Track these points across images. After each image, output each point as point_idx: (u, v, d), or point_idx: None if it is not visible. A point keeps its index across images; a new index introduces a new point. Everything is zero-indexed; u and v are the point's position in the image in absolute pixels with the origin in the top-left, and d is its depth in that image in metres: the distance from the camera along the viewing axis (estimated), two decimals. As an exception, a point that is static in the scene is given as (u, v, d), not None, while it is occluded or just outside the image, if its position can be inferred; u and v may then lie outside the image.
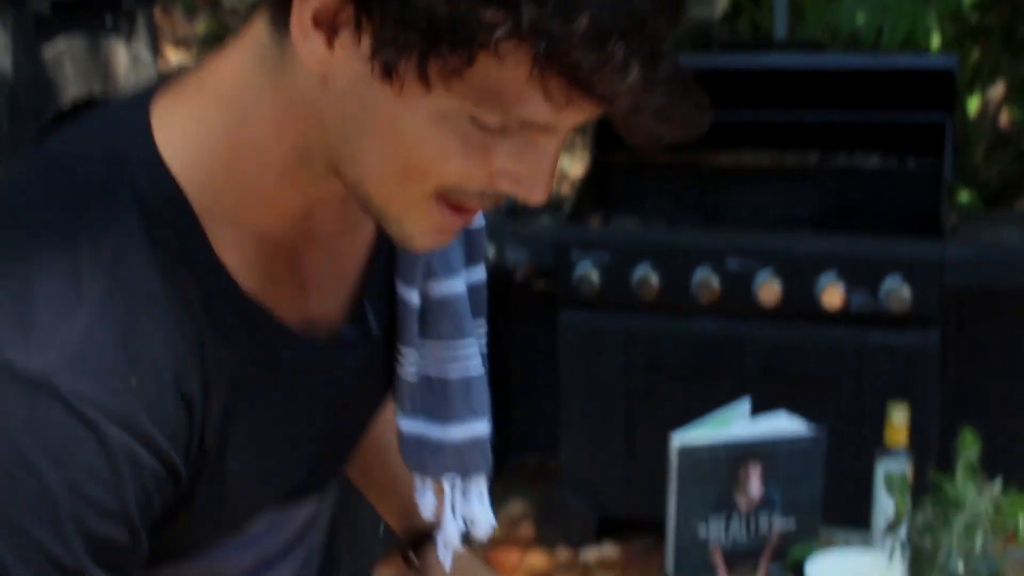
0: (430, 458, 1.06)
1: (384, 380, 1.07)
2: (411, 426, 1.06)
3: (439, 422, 1.05)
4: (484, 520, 1.11)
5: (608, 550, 3.96)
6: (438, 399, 1.04)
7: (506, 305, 4.37)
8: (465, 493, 1.09)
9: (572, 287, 3.74)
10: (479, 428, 1.07)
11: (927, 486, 1.60)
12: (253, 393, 0.91)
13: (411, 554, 1.29)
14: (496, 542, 4.06)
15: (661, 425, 1.84)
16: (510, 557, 3.96)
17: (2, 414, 0.78)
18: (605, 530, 3.96)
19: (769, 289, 3.54)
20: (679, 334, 3.71)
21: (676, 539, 1.80)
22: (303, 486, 1.04)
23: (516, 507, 4.28)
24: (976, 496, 1.51)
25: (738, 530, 1.82)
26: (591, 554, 3.95)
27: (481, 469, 1.09)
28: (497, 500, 3.94)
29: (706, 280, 3.59)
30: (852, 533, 2.01)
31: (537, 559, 3.95)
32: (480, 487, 1.10)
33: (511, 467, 4.50)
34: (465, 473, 1.08)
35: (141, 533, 0.84)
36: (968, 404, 3.57)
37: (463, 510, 1.10)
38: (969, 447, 1.56)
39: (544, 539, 4.02)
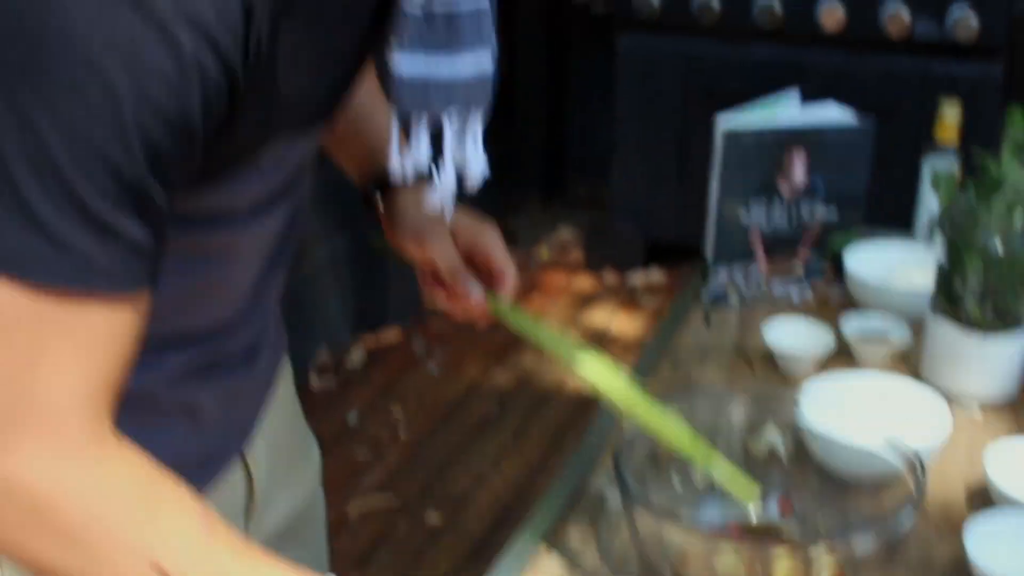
0: (434, 93, 1.02)
1: None
2: (412, 63, 1.01)
3: (447, 53, 1.00)
4: (478, 164, 1.07)
5: (655, 275, 4.01)
6: (446, 32, 1.00)
7: (563, 30, 4.31)
8: (461, 136, 1.05)
9: (631, 10, 3.67)
10: (486, 59, 1.03)
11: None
12: (291, 6, 0.89)
13: (376, 196, 1.30)
14: (544, 266, 4.13)
15: (714, 151, 1.82)
16: (557, 280, 4.03)
17: (62, 13, 0.74)
18: (652, 255, 4.01)
19: (832, 14, 3.46)
20: (739, 60, 3.65)
21: (717, 223, 1.81)
22: (319, 112, 1.04)
23: (565, 232, 4.33)
24: (1019, 174, 1.50)
25: (779, 217, 1.83)
26: (638, 278, 4.01)
27: (482, 104, 1.05)
28: (547, 226, 4.02)
29: (768, 4, 3.51)
30: (895, 232, 2.01)
31: (584, 282, 4.01)
32: (476, 130, 1.05)
33: (562, 194, 4.54)
34: (468, 107, 1.04)
35: (197, 148, 0.83)
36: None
37: (458, 154, 1.06)
38: (1017, 127, 1.54)
39: (592, 264, 4.08)
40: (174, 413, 1.05)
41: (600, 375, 1.20)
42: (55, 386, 0.81)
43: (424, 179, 1.29)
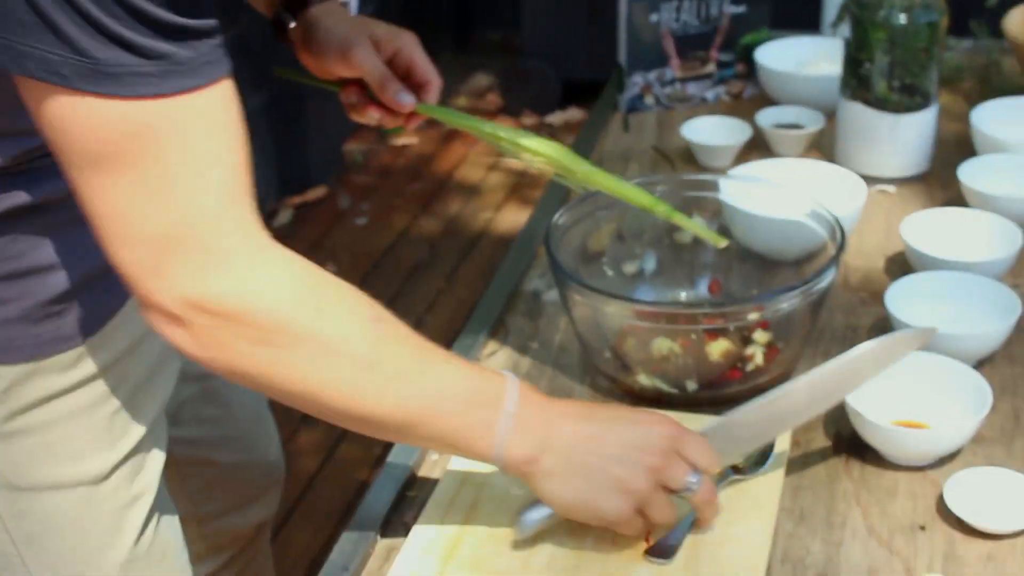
0: None
1: None
2: None
3: None
4: None
5: (572, 113, 4.02)
6: None
7: None
8: None
9: None
10: None
11: None
12: None
13: (286, 17, 1.29)
14: (462, 112, 4.11)
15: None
16: (477, 125, 4.02)
17: None
18: (569, 95, 4.01)
19: None
20: None
21: (628, 29, 1.82)
22: None
23: (481, 80, 4.32)
24: (919, -52, 1.53)
25: (689, 16, 1.84)
26: (556, 118, 4.02)
27: None
28: (462, 74, 3.97)
29: None
30: (802, 32, 2.03)
31: (504, 125, 4.01)
32: None
33: (475, 43, 4.51)
34: None
35: None
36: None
37: None
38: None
39: (510, 107, 4.08)
40: None
41: (551, 148, 1.22)
42: (204, 197, 0.87)
43: None
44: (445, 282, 3.22)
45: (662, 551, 1.05)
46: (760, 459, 1.16)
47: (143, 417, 1.18)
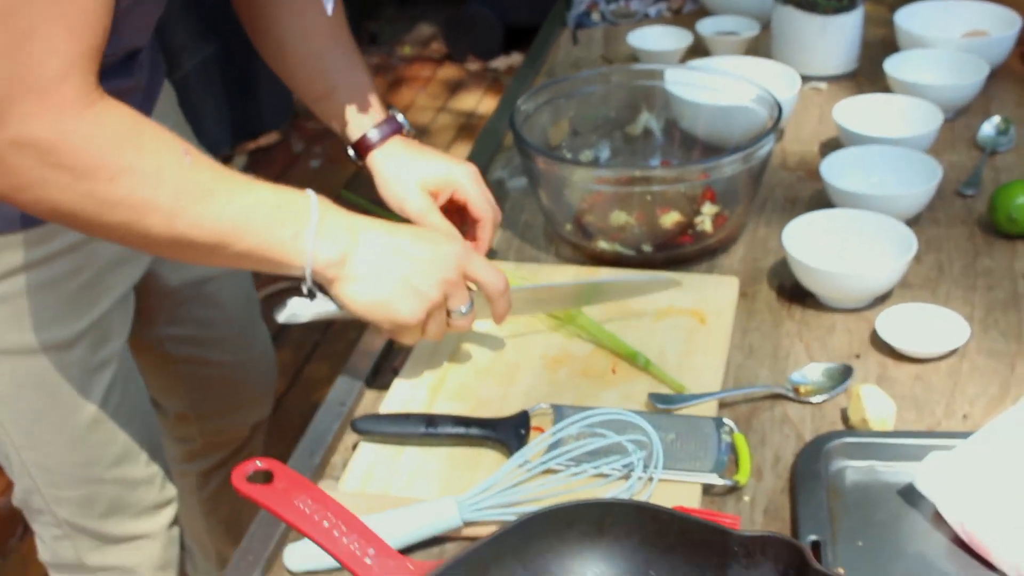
0: None
1: None
2: None
3: None
4: None
5: (515, 58, 4.13)
6: None
7: None
8: None
9: None
10: None
11: None
12: None
13: (355, 158, 1.38)
14: (409, 60, 4.21)
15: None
16: (424, 72, 4.12)
17: None
18: (511, 40, 4.12)
19: None
20: None
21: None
22: None
23: (425, 29, 4.41)
24: None
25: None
26: (500, 63, 4.13)
27: None
28: (406, 24, 4.04)
29: None
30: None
31: (450, 72, 4.11)
32: None
33: (417, -7, 4.60)
34: None
35: None
36: None
37: None
38: None
39: (455, 54, 4.17)
40: None
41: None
42: (49, 56, 0.94)
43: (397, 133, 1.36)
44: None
45: None
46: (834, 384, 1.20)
47: (109, 294, 1.27)
